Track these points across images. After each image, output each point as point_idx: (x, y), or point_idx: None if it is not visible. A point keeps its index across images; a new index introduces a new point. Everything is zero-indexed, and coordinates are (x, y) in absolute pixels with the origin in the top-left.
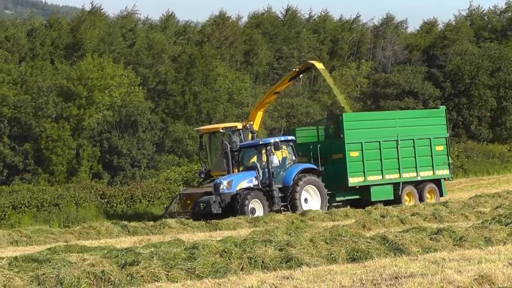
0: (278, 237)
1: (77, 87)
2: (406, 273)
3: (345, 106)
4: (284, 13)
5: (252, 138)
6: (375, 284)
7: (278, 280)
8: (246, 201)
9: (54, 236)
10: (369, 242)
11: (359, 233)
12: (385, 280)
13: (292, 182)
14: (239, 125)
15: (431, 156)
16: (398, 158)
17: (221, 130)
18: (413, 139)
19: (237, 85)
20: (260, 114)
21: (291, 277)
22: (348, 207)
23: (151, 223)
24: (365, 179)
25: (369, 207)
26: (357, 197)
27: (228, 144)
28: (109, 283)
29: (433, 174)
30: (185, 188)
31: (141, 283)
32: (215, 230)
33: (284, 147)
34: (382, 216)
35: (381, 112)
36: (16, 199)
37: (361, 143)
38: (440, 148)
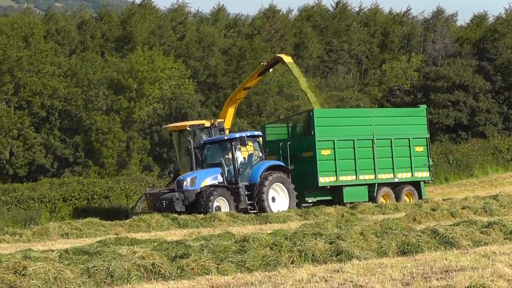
0: (328, 230)
1: (127, 79)
2: (456, 266)
3: (314, 102)
4: (334, 6)
5: None
6: (425, 278)
7: (328, 273)
8: (211, 199)
9: (104, 229)
10: (420, 236)
11: (409, 227)
12: (436, 273)
13: (259, 180)
14: (207, 123)
15: (410, 157)
16: (373, 158)
17: (188, 128)
18: (391, 139)
19: (287, 78)
20: (231, 111)
21: (341, 270)
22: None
23: (201, 216)
24: (337, 179)
25: (420, 200)
26: (329, 198)
27: (191, 140)
28: (159, 276)
29: (412, 176)
30: (150, 188)
31: (191, 275)
32: (265, 223)
33: (250, 143)
34: (433, 210)
35: (355, 109)
36: (67, 192)
37: (333, 141)
38: (420, 149)
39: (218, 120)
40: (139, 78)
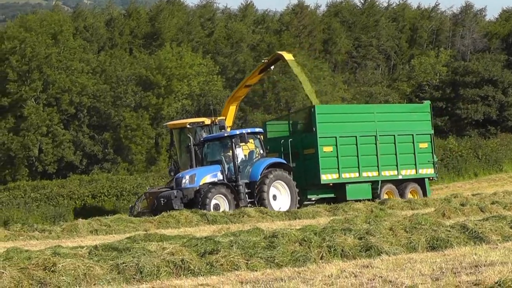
0: (357, 225)
1: (155, 76)
2: (486, 261)
3: (314, 98)
4: (362, 1)
5: None
6: (455, 273)
7: (357, 269)
8: (209, 196)
9: (133, 225)
10: (449, 231)
11: (438, 222)
12: (465, 268)
13: (259, 177)
14: (207, 120)
15: (414, 153)
16: (376, 155)
17: (188, 126)
18: (394, 135)
19: (316, 74)
20: (232, 109)
21: (371, 266)
22: (325, 204)
23: (230, 211)
24: (339, 176)
25: (449, 195)
26: (332, 195)
27: (191, 137)
28: (189, 272)
29: (416, 173)
30: (151, 187)
31: (221, 271)
32: (294, 219)
33: (251, 140)
34: (462, 205)
35: (358, 105)
36: (96, 188)
37: (336, 137)
38: (424, 145)
39: (219, 118)
40: (168, 75)
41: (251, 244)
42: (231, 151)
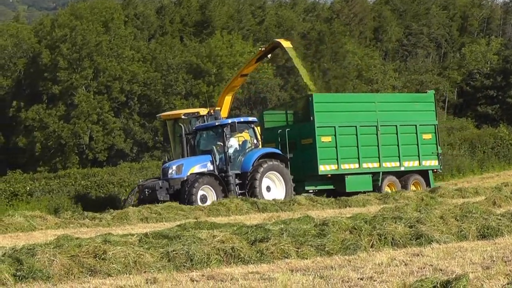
0: (408, 214)
1: (206, 64)
2: None
3: (311, 87)
4: None
5: None
6: (505, 261)
7: (408, 257)
8: (194, 188)
9: (184, 213)
10: (500, 219)
11: (489, 210)
12: None
13: (251, 168)
14: (202, 111)
15: (417, 144)
16: (378, 146)
17: (183, 117)
18: (396, 125)
19: (366, 62)
20: (228, 99)
21: (421, 254)
22: (325, 195)
23: (281, 199)
24: (338, 167)
25: (499, 183)
26: (331, 187)
27: (183, 127)
28: (239, 260)
29: (419, 164)
30: (143, 179)
31: (271, 259)
32: (345, 207)
33: (245, 130)
34: None
35: (358, 95)
36: (146, 176)
37: (334, 127)
38: (427, 136)
39: (215, 109)
40: (218, 63)
41: (301, 232)
42: (222, 141)
